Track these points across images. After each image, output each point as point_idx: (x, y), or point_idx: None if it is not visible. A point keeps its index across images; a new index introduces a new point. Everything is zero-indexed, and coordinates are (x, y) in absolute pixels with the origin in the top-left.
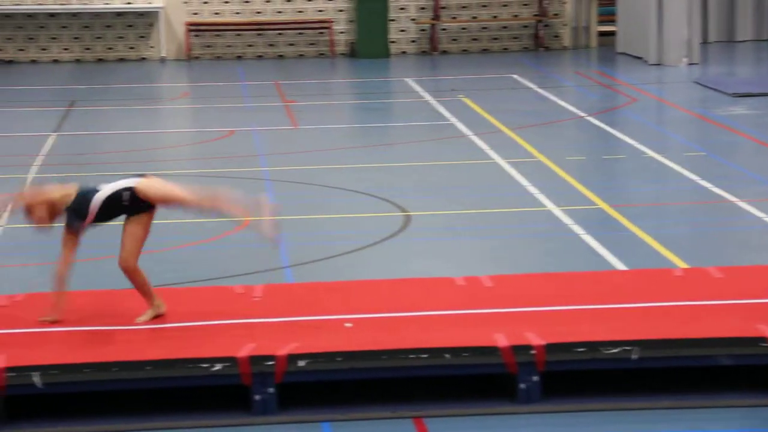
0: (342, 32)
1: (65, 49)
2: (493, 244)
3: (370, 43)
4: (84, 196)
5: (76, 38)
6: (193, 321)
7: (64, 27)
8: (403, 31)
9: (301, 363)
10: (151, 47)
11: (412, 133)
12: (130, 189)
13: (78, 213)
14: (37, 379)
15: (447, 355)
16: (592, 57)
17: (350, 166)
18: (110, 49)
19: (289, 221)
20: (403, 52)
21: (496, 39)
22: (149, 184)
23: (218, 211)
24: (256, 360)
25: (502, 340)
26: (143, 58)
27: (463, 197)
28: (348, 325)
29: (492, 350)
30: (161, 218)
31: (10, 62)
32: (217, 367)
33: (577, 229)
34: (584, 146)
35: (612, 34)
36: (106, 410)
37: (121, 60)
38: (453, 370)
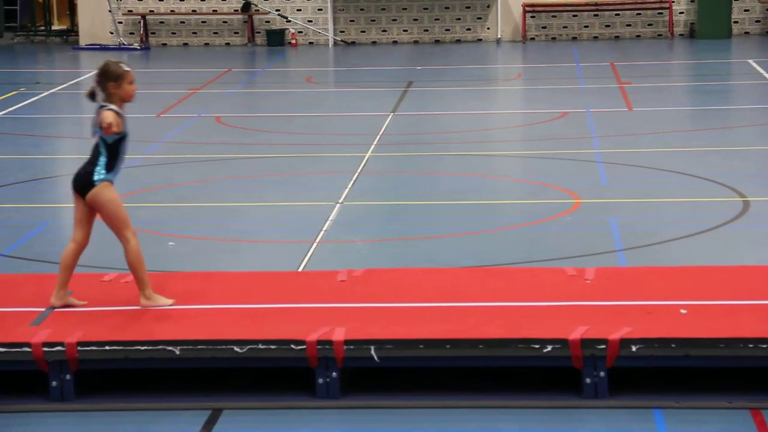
0: (681, 12)
1: (404, 30)
2: None
3: (711, 23)
4: None
5: (415, 20)
6: (525, 301)
7: (404, 9)
8: (747, 10)
9: (634, 348)
10: (488, 29)
11: (753, 117)
12: None
13: None
14: (373, 352)
15: None
16: None
17: (687, 149)
18: (447, 30)
19: (623, 204)
20: (746, 33)
21: None
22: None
23: None
24: (587, 343)
25: None
26: (479, 40)
27: None
28: (683, 311)
29: None
30: (486, 199)
31: (353, 43)
32: (548, 348)
33: None
34: None
35: None
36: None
37: (458, 41)
38: None
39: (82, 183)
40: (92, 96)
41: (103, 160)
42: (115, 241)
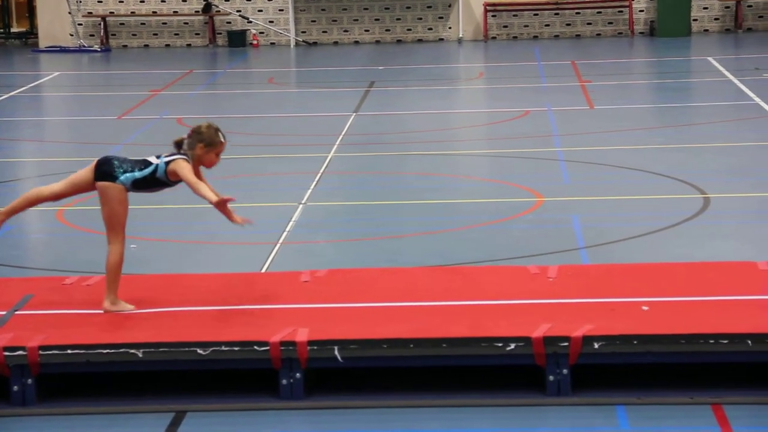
0: (641, 11)
1: (366, 30)
2: None
3: (671, 21)
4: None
5: (376, 20)
6: (488, 300)
7: (365, 9)
8: (705, 8)
9: (597, 345)
10: (449, 28)
11: (713, 113)
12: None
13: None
14: (337, 353)
15: (749, 342)
16: None
17: (647, 146)
18: (409, 30)
19: (585, 202)
20: (705, 30)
21: None
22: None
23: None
24: (550, 341)
25: None
26: (441, 39)
27: None
28: (645, 308)
29: None
30: (449, 198)
31: (314, 44)
32: (511, 346)
33: None
34: None
35: None
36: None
37: (419, 41)
38: (755, 356)
39: (106, 169)
40: (179, 146)
41: (139, 175)
42: (76, 245)
